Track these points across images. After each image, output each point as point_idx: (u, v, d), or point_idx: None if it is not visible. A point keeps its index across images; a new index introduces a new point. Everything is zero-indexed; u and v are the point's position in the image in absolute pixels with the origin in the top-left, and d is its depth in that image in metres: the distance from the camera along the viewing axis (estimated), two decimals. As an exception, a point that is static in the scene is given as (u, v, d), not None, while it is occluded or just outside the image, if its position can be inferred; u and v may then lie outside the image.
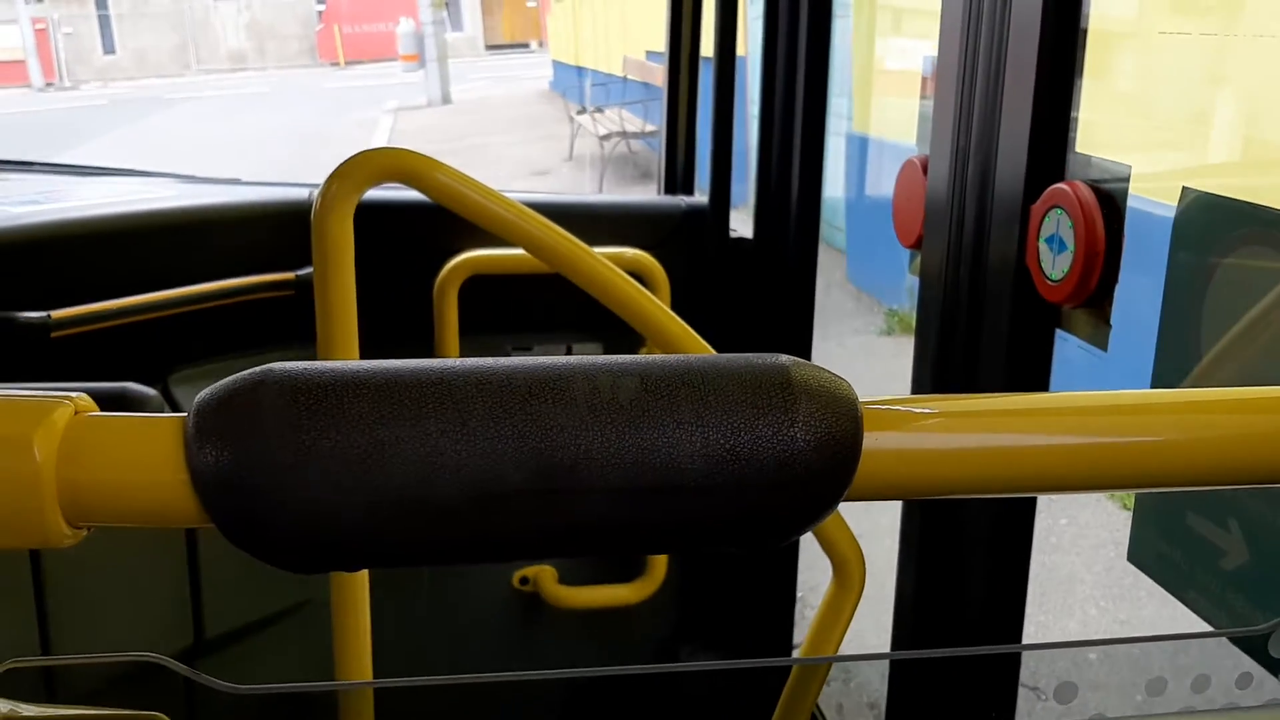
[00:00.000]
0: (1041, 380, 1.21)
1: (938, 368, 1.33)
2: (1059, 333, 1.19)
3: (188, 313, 1.77)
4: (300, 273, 1.86)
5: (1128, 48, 2.48)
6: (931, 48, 1.31)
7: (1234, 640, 0.88)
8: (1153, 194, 1.23)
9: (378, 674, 1.48)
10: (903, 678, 1.50)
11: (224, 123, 16.30)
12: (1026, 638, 1.51)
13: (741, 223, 2.12)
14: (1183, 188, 1.02)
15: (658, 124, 2.50)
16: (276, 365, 0.40)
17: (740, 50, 2.09)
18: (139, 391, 1.47)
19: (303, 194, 1.93)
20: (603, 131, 9.94)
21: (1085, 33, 1.11)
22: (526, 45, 30.98)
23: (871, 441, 0.44)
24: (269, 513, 0.39)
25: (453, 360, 0.42)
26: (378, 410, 0.39)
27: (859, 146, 6.16)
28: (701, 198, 2.13)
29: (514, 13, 31.86)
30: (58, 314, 1.63)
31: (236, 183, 2.26)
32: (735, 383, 0.42)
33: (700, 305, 1.99)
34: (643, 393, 0.41)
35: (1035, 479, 0.47)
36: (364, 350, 1.44)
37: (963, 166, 1.25)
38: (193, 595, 1.81)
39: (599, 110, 10.63)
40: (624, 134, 9.91)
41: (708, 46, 2.11)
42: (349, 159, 1.41)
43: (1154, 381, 1.08)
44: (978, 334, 1.26)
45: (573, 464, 0.40)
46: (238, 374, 0.40)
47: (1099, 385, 0.52)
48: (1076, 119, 1.14)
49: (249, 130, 15.07)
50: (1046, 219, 1.12)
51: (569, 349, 2.08)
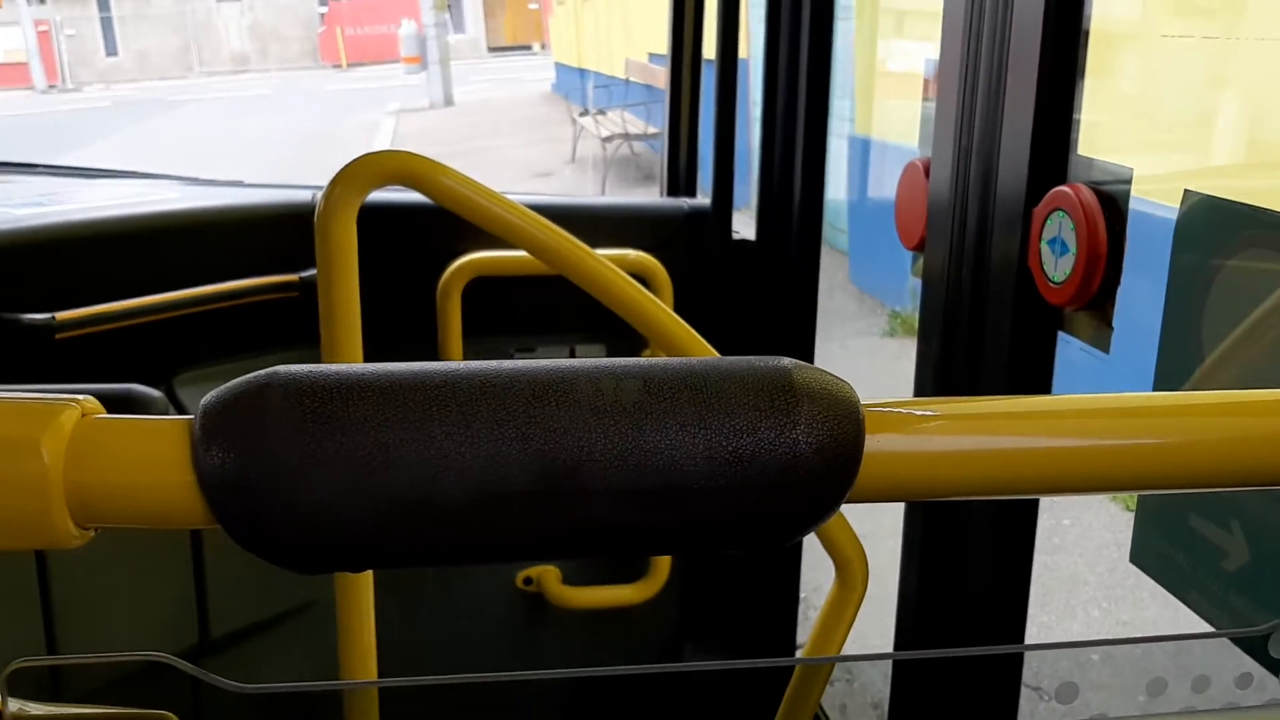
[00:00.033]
0: (1043, 382, 1.21)
1: (940, 369, 1.33)
2: (1061, 335, 1.19)
3: (191, 314, 1.78)
4: (304, 274, 1.86)
5: (1130, 51, 2.48)
6: (933, 50, 1.32)
7: (1235, 641, 0.88)
8: (1153, 196, 1.23)
9: (382, 674, 1.48)
10: (906, 678, 1.51)
11: (227, 125, 16.32)
12: (1029, 638, 1.51)
13: (744, 225, 2.12)
14: (1185, 190, 1.02)
15: (660, 126, 2.50)
16: (282, 368, 0.41)
17: (742, 52, 2.10)
18: (143, 393, 1.47)
19: (305, 196, 1.93)
20: (605, 134, 9.94)
21: (1087, 35, 1.12)
22: (529, 47, 30.98)
23: (873, 443, 0.44)
24: (275, 514, 0.39)
25: (457, 363, 0.42)
26: (383, 413, 0.39)
27: (861, 148, 6.17)
28: (704, 200, 2.13)
29: (516, 15, 31.88)
30: (62, 316, 1.64)
31: (239, 185, 2.27)
32: (738, 385, 0.42)
33: (703, 307, 2.00)
34: (645, 395, 0.41)
35: (1037, 481, 0.47)
36: (367, 352, 1.44)
37: (965, 169, 1.25)
38: (197, 595, 1.81)
39: (601, 112, 10.63)
40: (626, 136, 9.91)
41: (710, 49, 2.11)
42: (352, 162, 1.41)
43: (1156, 384, 1.08)
44: (980, 336, 1.26)
45: (576, 466, 0.40)
46: (243, 377, 0.41)
47: (1100, 387, 0.52)
48: (1078, 121, 1.14)
49: (252, 132, 15.09)
50: (1048, 221, 1.12)
51: (572, 350, 2.08)
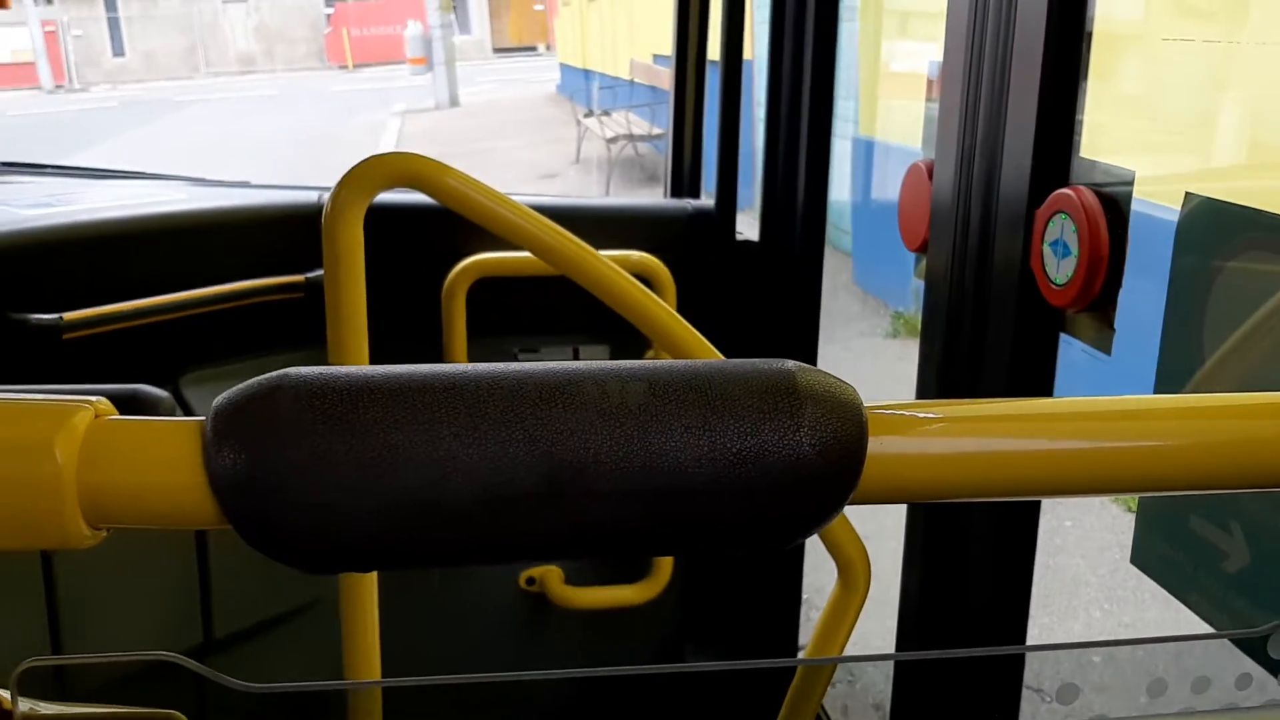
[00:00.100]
0: (1045, 384, 1.22)
1: (942, 370, 1.34)
2: (1063, 336, 1.20)
3: (198, 315, 1.79)
4: (310, 275, 1.86)
5: (1131, 55, 2.48)
6: (937, 52, 1.32)
7: (1235, 641, 0.88)
8: (1154, 197, 1.23)
9: (385, 672, 1.49)
10: (907, 679, 1.51)
11: (234, 125, 16.34)
12: (1030, 639, 1.51)
13: (748, 226, 2.13)
14: (1186, 193, 1.02)
15: (664, 127, 2.50)
16: (292, 370, 0.41)
17: (746, 54, 2.10)
18: (151, 393, 1.48)
19: (311, 197, 1.94)
20: (610, 135, 9.94)
21: (1090, 37, 1.12)
22: (534, 48, 30.98)
23: (876, 446, 0.44)
24: (286, 515, 0.40)
25: (464, 366, 0.43)
26: (391, 414, 0.40)
27: (865, 150, 6.16)
28: (708, 201, 2.13)
29: (521, 16, 31.87)
30: (69, 316, 1.65)
31: (246, 186, 2.27)
32: (742, 388, 0.42)
33: (706, 308, 2.00)
34: (650, 397, 0.41)
35: (1039, 483, 0.48)
36: (372, 353, 1.45)
37: (967, 171, 1.25)
38: (202, 594, 1.82)
39: (606, 113, 10.63)
40: (631, 137, 9.91)
41: (714, 50, 2.11)
42: (359, 164, 1.42)
43: (1157, 385, 1.08)
44: (982, 337, 1.26)
45: (582, 467, 0.40)
46: (254, 379, 0.41)
47: (1102, 387, 0.52)
48: (1081, 123, 1.14)
49: (259, 133, 15.10)
50: (1051, 223, 1.12)
51: (575, 351, 2.08)
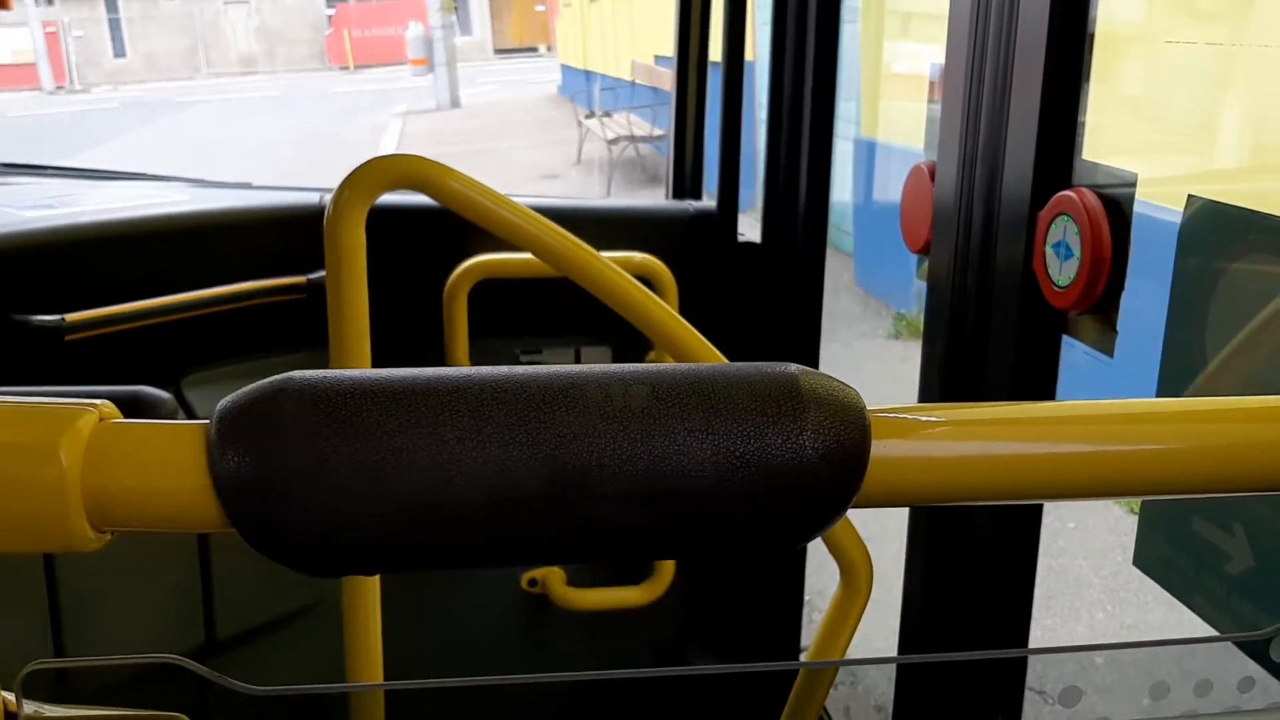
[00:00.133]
0: (1048, 386, 1.22)
1: (945, 372, 1.34)
2: (1065, 338, 1.20)
3: (200, 316, 1.79)
4: (311, 276, 1.86)
5: (1133, 57, 2.48)
6: (939, 53, 1.32)
7: (1237, 644, 0.88)
8: (1157, 199, 1.23)
9: (386, 672, 1.49)
10: (910, 681, 1.51)
11: (235, 126, 16.35)
12: (1033, 641, 1.51)
13: (749, 227, 2.13)
14: (1189, 195, 1.02)
15: (666, 128, 2.50)
16: (296, 373, 0.41)
17: (748, 55, 2.10)
18: (152, 395, 1.48)
19: (313, 198, 1.94)
20: (611, 136, 9.95)
21: (1093, 38, 1.12)
22: (535, 49, 31.00)
23: (879, 449, 0.44)
24: (290, 518, 0.40)
25: (468, 369, 0.43)
26: (396, 418, 0.40)
27: (866, 151, 6.17)
28: (709, 202, 2.13)
29: (522, 17, 31.89)
30: (71, 317, 1.65)
31: (247, 187, 2.28)
32: (745, 391, 0.42)
33: (708, 309, 2.00)
34: (654, 401, 0.41)
35: (1042, 487, 0.48)
36: (374, 354, 1.45)
37: (970, 173, 1.25)
38: (204, 596, 1.82)
39: (607, 114, 10.64)
40: (632, 138, 9.91)
41: (716, 51, 2.11)
42: (361, 166, 1.42)
43: (1159, 387, 1.08)
44: (985, 339, 1.26)
45: (586, 470, 0.40)
46: (258, 382, 0.41)
47: (1104, 389, 0.52)
48: (1083, 125, 1.14)
49: (260, 134, 15.11)
50: (1053, 226, 1.12)
51: (577, 352, 2.08)
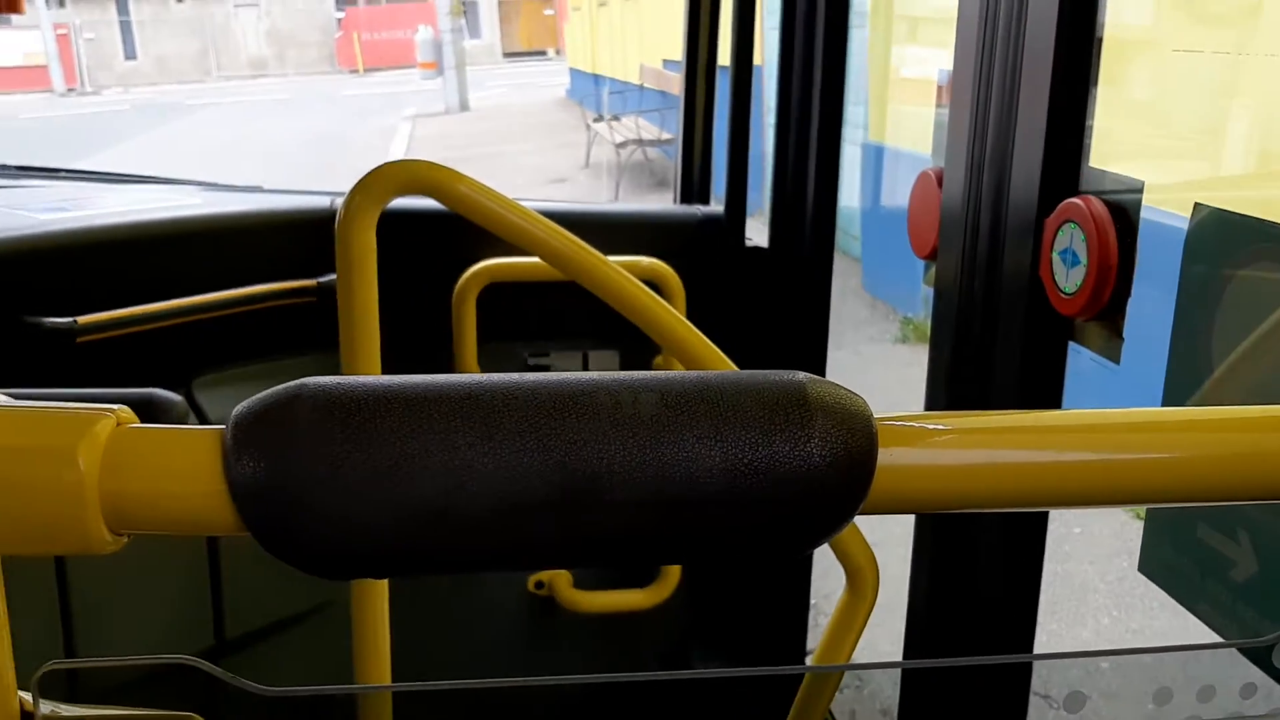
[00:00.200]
0: (1054, 393, 1.22)
1: (951, 378, 1.34)
2: (1071, 345, 1.20)
3: (211, 319, 1.79)
4: (322, 279, 1.87)
5: (1141, 65, 2.48)
6: (947, 58, 1.32)
7: (1241, 650, 0.88)
8: (1164, 206, 1.23)
9: (393, 673, 1.49)
10: (915, 685, 1.51)
11: (246, 128, 16.40)
12: (1039, 647, 1.51)
13: (757, 231, 2.13)
14: (1195, 203, 1.02)
15: (674, 132, 2.50)
16: (310, 380, 0.42)
17: (757, 59, 2.10)
18: (164, 397, 1.49)
19: (324, 202, 1.95)
20: (619, 139, 9.95)
21: (1100, 44, 1.12)
22: (544, 53, 31.04)
23: (886, 457, 0.45)
24: (304, 522, 0.40)
25: (479, 375, 0.43)
26: (408, 424, 0.40)
27: (874, 155, 6.17)
28: (717, 206, 2.14)
29: (531, 21, 31.93)
30: (83, 320, 1.66)
31: (259, 190, 2.29)
32: (753, 399, 0.43)
33: (716, 314, 2.00)
34: (663, 408, 0.42)
35: (1048, 494, 0.48)
36: (384, 357, 1.46)
37: (977, 179, 1.26)
38: (213, 597, 1.83)
39: (615, 118, 10.64)
40: (640, 142, 9.92)
41: (725, 55, 2.12)
42: (372, 171, 1.43)
43: (1166, 394, 1.08)
44: (991, 345, 1.26)
45: (595, 476, 0.41)
46: (273, 388, 0.42)
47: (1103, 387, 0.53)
48: (1091, 130, 1.14)
49: (271, 136, 15.16)
50: (1060, 232, 1.13)
51: (585, 356, 2.09)
